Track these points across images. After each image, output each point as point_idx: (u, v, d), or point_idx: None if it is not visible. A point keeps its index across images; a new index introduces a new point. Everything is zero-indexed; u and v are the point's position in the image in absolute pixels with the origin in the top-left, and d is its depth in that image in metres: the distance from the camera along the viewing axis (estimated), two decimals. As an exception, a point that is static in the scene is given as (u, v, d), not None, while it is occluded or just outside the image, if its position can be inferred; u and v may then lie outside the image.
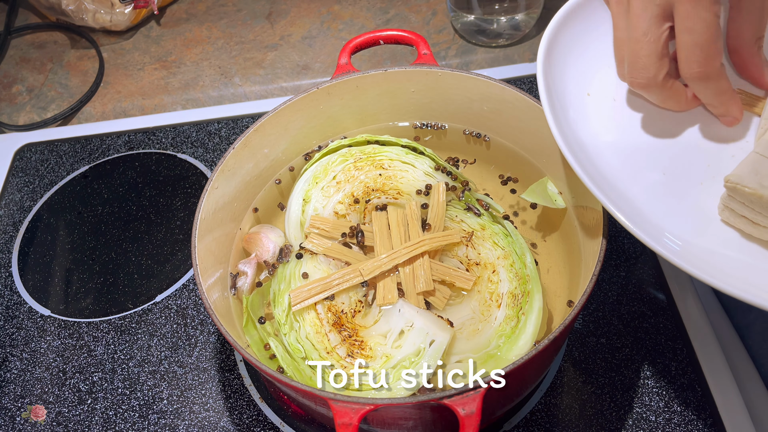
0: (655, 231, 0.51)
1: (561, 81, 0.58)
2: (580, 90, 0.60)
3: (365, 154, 0.70)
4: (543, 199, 0.66)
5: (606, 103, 0.60)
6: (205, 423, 0.69)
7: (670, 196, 0.55)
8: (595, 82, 0.60)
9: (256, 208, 0.72)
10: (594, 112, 0.59)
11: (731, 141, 0.57)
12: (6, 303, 0.82)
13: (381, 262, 0.61)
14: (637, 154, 0.57)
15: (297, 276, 0.63)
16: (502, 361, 0.57)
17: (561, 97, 0.58)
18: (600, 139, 0.58)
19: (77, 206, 0.92)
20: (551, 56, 0.58)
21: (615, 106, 0.60)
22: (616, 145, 0.58)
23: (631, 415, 0.66)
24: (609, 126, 0.59)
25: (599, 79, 0.60)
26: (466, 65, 1.02)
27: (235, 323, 0.62)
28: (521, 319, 0.59)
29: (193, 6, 1.18)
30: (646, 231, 0.50)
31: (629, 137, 0.58)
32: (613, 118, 0.59)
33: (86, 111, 1.05)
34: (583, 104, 0.59)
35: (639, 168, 0.56)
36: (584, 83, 0.60)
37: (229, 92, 1.04)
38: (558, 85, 0.58)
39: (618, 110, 0.60)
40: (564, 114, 0.57)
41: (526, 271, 0.61)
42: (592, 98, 0.60)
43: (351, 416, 0.49)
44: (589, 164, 0.55)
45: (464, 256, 0.64)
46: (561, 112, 0.57)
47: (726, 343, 0.72)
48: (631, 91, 0.60)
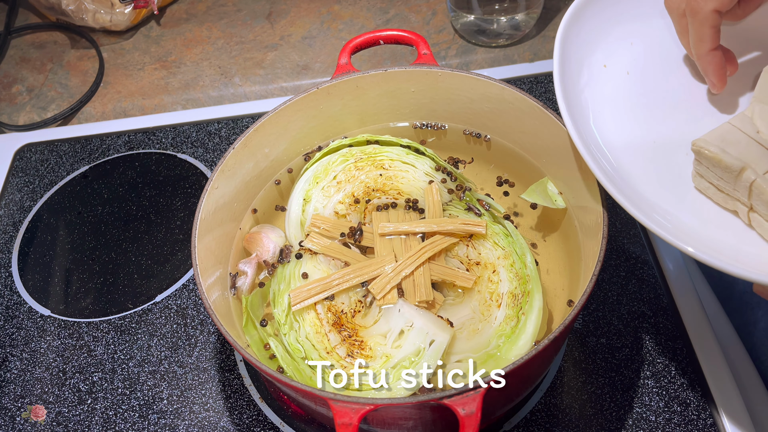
0: (650, 209, 0.53)
1: (579, 49, 0.60)
2: (597, 60, 0.61)
3: (366, 154, 0.70)
4: (543, 200, 0.66)
5: (620, 76, 0.61)
6: (205, 423, 0.69)
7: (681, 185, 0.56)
8: (616, 56, 0.62)
9: (255, 209, 0.72)
10: (607, 84, 0.60)
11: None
12: (6, 303, 0.82)
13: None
14: (649, 143, 0.58)
15: (297, 276, 0.63)
16: (501, 361, 0.57)
17: (574, 64, 0.59)
18: (610, 125, 0.59)
19: (77, 206, 0.92)
20: (575, 23, 0.60)
21: (629, 80, 0.61)
22: (626, 136, 0.59)
23: (631, 415, 0.66)
24: (621, 106, 0.60)
25: (619, 53, 0.62)
26: (466, 65, 1.02)
27: (235, 323, 0.62)
28: (521, 319, 0.59)
29: (193, 6, 1.18)
30: (636, 205, 0.52)
31: (640, 127, 0.59)
32: (626, 95, 0.60)
33: (86, 111, 1.05)
34: (597, 73, 0.60)
35: (649, 157, 0.57)
36: (604, 55, 0.61)
37: (229, 92, 1.04)
38: (574, 52, 0.59)
39: (631, 87, 0.61)
40: (575, 82, 0.58)
41: (527, 271, 0.61)
42: (607, 70, 0.61)
43: (351, 416, 0.49)
44: (596, 148, 0.56)
45: (465, 256, 0.64)
46: (570, 80, 0.58)
47: (726, 343, 0.72)
48: (645, 69, 0.61)
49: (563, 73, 0.58)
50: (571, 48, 0.60)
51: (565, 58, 0.59)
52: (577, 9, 0.61)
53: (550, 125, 0.65)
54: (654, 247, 0.78)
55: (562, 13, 1.07)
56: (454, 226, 0.64)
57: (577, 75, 0.60)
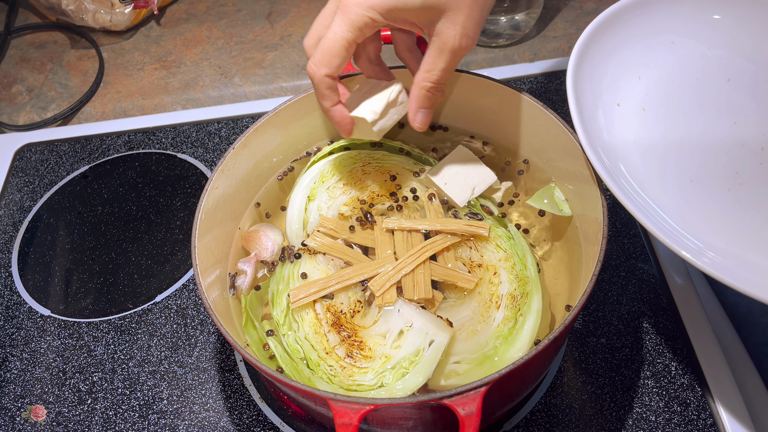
0: (651, 210, 0.54)
1: (590, 92, 0.60)
2: (609, 99, 0.61)
3: (374, 159, 0.71)
4: (549, 206, 0.66)
5: (636, 113, 0.61)
6: (205, 423, 0.69)
7: (701, 202, 0.56)
8: (626, 93, 0.61)
9: (258, 203, 0.72)
10: (623, 123, 0.60)
11: (759, 150, 0.58)
12: (6, 303, 0.82)
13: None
14: (665, 162, 0.58)
15: (296, 276, 0.63)
16: (498, 363, 0.57)
17: (589, 107, 0.59)
18: (629, 147, 0.59)
19: (77, 206, 0.91)
20: (581, 66, 0.60)
21: (645, 116, 0.61)
22: (643, 151, 0.59)
23: (631, 415, 0.66)
24: (639, 135, 0.60)
25: (630, 90, 0.61)
26: (466, 65, 1.02)
27: (235, 323, 0.62)
28: (519, 320, 0.59)
29: (193, 6, 1.18)
30: (637, 205, 0.52)
31: (658, 145, 0.59)
32: (643, 127, 0.60)
33: (86, 111, 1.05)
34: (612, 114, 0.60)
35: (667, 174, 0.58)
36: (613, 93, 0.61)
37: (229, 92, 1.04)
38: (587, 97, 0.59)
39: (647, 120, 0.61)
40: (592, 122, 0.58)
41: (526, 272, 0.61)
42: (621, 108, 0.61)
43: (351, 416, 0.49)
44: (615, 168, 0.56)
45: (467, 258, 0.64)
46: (589, 120, 0.58)
47: (726, 343, 0.72)
48: (661, 102, 0.61)
49: (582, 120, 0.58)
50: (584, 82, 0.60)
51: (581, 102, 0.59)
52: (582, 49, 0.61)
53: (550, 125, 0.65)
54: (654, 248, 0.78)
55: (562, 13, 1.07)
56: (458, 227, 0.64)
57: (592, 120, 0.60)
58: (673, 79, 0.62)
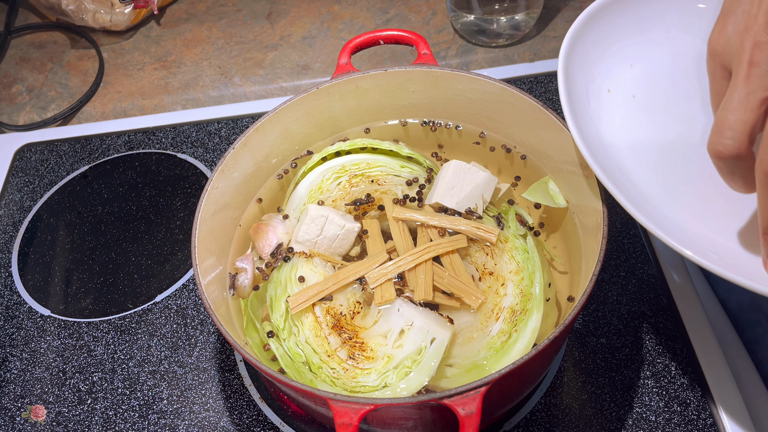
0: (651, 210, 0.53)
1: (581, 76, 0.60)
2: (599, 86, 0.61)
3: (360, 170, 0.70)
4: (544, 198, 0.66)
5: (626, 100, 0.61)
6: (205, 423, 0.69)
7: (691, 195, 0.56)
8: (616, 79, 0.62)
9: (260, 199, 0.72)
10: (613, 109, 0.60)
11: None
12: (6, 303, 0.82)
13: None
14: (654, 152, 0.58)
15: (293, 280, 0.63)
16: (486, 373, 0.56)
17: (580, 94, 0.59)
18: (617, 136, 0.59)
19: (77, 206, 0.91)
20: (573, 51, 0.60)
21: (635, 104, 0.61)
22: (633, 142, 0.59)
23: (631, 415, 0.66)
24: (628, 123, 0.60)
25: (620, 77, 0.61)
26: (466, 65, 1.02)
27: (235, 323, 0.62)
28: (513, 336, 0.58)
29: (193, 6, 1.18)
30: (637, 205, 0.52)
31: (647, 135, 0.59)
32: (633, 115, 0.60)
33: (86, 111, 1.05)
34: (602, 100, 0.60)
35: (655, 165, 0.58)
36: (606, 79, 0.61)
37: (229, 92, 1.04)
38: (578, 81, 0.59)
39: (637, 108, 0.61)
40: (582, 110, 0.58)
41: (532, 289, 0.61)
42: (612, 95, 0.61)
43: (351, 416, 0.49)
44: (607, 159, 0.56)
45: (481, 264, 0.64)
46: (579, 108, 0.58)
47: (726, 343, 0.72)
48: (650, 91, 0.61)
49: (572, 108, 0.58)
50: (575, 69, 0.60)
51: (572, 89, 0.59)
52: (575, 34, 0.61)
53: (550, 125, 0.65)
54: (654, 247, 0.78)
55: (562, 13, 1.07)
56: (466, 228, 0.63)
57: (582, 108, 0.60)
58: (665, 67, 0.62)
